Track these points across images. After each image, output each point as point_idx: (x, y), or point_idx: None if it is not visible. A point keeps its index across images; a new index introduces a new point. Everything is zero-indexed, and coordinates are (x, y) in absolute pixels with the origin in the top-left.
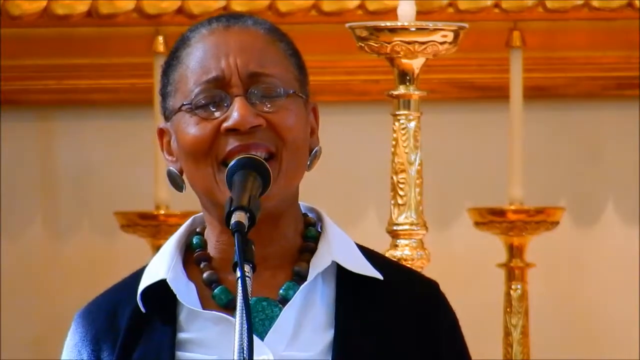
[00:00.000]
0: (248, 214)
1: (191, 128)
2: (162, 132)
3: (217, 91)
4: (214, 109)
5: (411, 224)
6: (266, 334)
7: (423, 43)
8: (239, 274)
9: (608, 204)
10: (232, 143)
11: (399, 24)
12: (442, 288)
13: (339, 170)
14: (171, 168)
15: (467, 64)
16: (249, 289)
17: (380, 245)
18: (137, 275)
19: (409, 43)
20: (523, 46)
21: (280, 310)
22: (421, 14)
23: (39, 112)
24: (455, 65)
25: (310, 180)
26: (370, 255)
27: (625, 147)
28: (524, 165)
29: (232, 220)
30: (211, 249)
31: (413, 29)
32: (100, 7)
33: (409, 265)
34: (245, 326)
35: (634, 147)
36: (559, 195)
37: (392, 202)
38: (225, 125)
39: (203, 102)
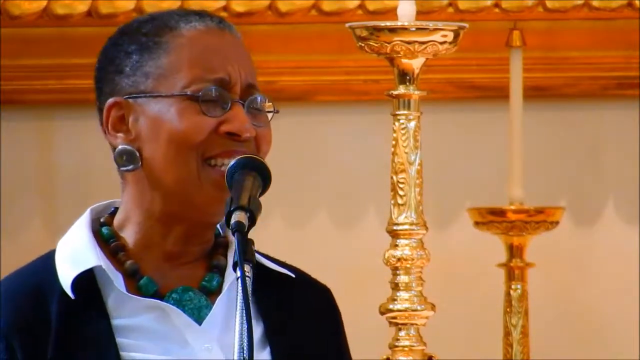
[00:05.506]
0: (248, 214)
1: (187, 118)
2: (115, 106)
3: (223, 92)
4: (214, 108)
5: (411, 224)
6: (200, 322)
7: (423, 43)
8: (239, 273)
9: (608, 204)
10: (226, 145)
11: (399, 24)
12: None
13: (339, 170)
14: (126, 146)
15: (467, 63)
16: (249, 289)
17: (380, 245)
18: (48, 260)
19: (409, 43)
20: (523, 46)
21: (206, 300)
22: (421, 14)
23: (39, 112)
24: (455, 65)
25: (311, 180)
26: (268, 257)
27: (625, 147)
28: (524, 165)
29: (232, 220)
30: (131, 239)
31: (413, 29)
32: (100, 7)
33: (408, 266)
34: (245, 326)
35: (634, 147)
36: (559, 195)
37: (392, 202)
38: (227, 128)
39: (208, 97)
